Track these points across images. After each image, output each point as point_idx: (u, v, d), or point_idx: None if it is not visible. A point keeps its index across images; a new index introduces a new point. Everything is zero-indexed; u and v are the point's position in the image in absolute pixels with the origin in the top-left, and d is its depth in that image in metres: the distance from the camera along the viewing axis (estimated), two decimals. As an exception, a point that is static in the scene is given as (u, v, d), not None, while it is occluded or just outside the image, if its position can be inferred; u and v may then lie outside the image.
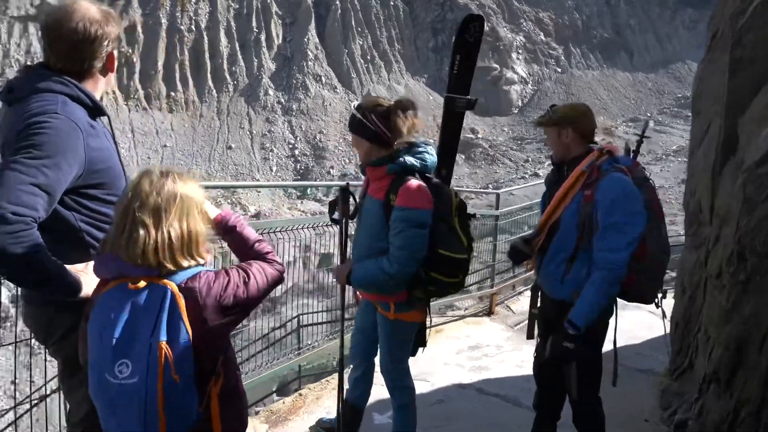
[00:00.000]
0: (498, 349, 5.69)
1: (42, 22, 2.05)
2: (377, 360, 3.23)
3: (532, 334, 3.33)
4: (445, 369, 5.03)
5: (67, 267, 1.91)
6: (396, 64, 44.61)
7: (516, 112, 43.52)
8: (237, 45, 41.92)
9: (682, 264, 4.63)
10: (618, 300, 2.97)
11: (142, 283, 1.69)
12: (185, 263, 1.75)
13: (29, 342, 2.79)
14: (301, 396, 4.38)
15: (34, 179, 1.77)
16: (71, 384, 2.14)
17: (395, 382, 3.14)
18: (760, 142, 2.95)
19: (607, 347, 3.01)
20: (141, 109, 38.53)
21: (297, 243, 4.91)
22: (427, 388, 4.58)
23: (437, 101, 38.07)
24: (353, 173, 33.44)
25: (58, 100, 1.94)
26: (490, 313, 6.96)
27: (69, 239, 2.01)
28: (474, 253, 8.20)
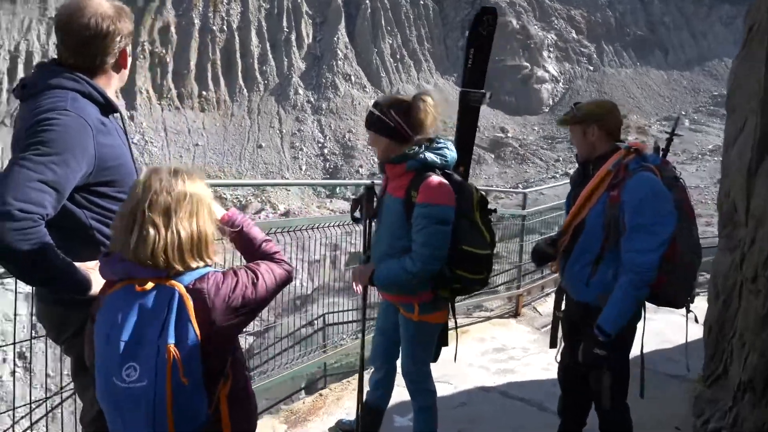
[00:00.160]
0: (524, 352, 5.59)
1: (55, 17, 2.04)
2: (399, 362, 3.18)
3: (555, 341, 3.24)
4: (469, 371, 4.95)
5: (78, 264, 1.89)
6: (425, 63, 44.54)
7: (547, 111, 43.04)
8: (268, 45, 42.34)
9: (716, 266, 4.47)
10: (647, 303, 2.86)
11: (149, 285, 1.65)
12: (194, 264, 1.72)
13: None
14: (322, 396, 4.34)
15: (41, 176, 1.75)
16: (84, 382, 2.12)
17: (417, 385, 3.09)
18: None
19: (634, 351, 2.91)
20: (174, 109, 39.20)
21: (326, 241, 4.90)
22: (450, 390, 4.50)
23: (467, 100, 37.88)
24: (382, 172, 33.47)
25: (68, 96, 1.92)
26: (516, 315, 6.84)
27: (79, 236, 1.99)
28: (504, 253, 8.12)
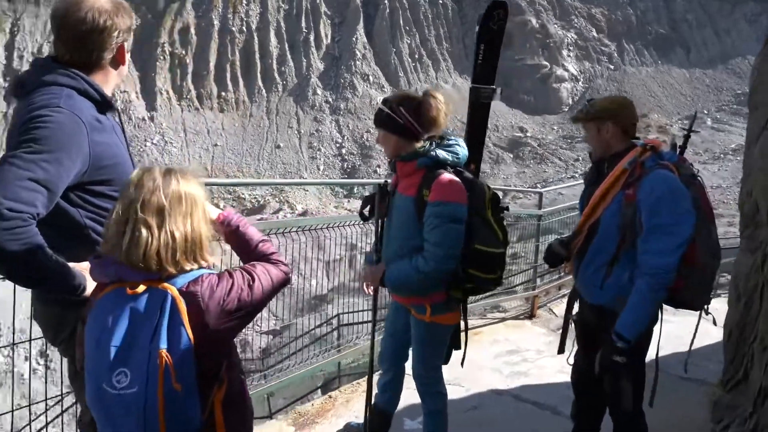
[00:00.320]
0: (538, 354, 5.48)
1: (51, 12, 2.01)
2: (408, 364, 3.12)
3: (563, 347, 3.16)
4: (482, 374, 4.86)
5: (72, 265, 1.86)
6: (444, 62, 44.40)
7: (566, 110, 42.64)
8: (286, 45, 42.50)
9: (737, 267, 4.34)
10: (664, 305, 2.79)
11: (141, 288, 1.60)
12: (188, 266, 1.67)
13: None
14: (331, 398, 4.29)
15: (32, 174, 1.71)
16: (82, 383, 2.07)
17: (427, 387, 3.03)
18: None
19: (649, 355, 2.84)
20: (193, 109, 39.50)
21: (343, 241, 4.85)
22: (462, 393, 4.42)
23: (485, 100, 37.77)
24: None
25: (62, 93, 1.88)
26: (531, 316, 6.73)
27: (74, 236, 1.95)
28: (522, 253, 7.99)
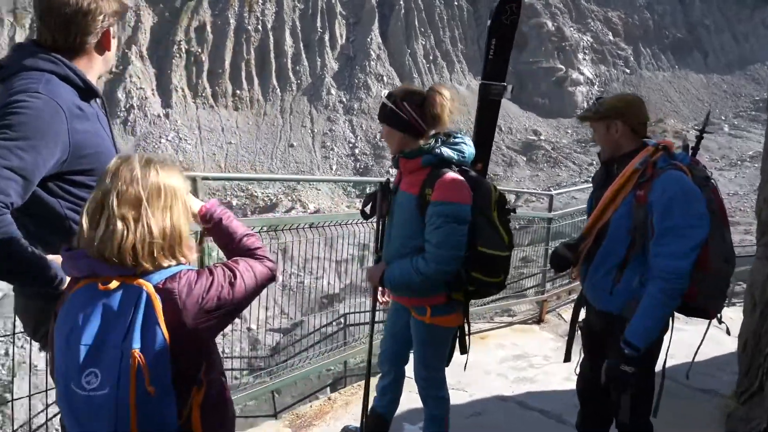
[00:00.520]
0: (545, 360, 5.35)
1: None
2: (409, 367, 3.03)
3: (569, 356, 3.04)
4: (486, 379, 4.74)
5: (50, 257, 1.78)
6: (458, 64, 44.22)
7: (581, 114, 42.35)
8: (301, 45, 42.55)
9: (753, 276, 4.20)
10: (675, 313, 2.64)
11: (114, 284, 1.50)
12: (165, 263, 1.57)
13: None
14: (330, 400, 4.19)
15: (6, 162, 1.63)
16: None
17: (429, 391, 2.94)
18: None
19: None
20: (208, 107, 39.65)
21: (354, 240, 4.79)
22: (465, 398, 4.31)
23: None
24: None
25: (42, 78, 1.80)
26: (539, 321, 6.60)
27: (54, 226, 1.88)
28: (534, 257, 7.84)
